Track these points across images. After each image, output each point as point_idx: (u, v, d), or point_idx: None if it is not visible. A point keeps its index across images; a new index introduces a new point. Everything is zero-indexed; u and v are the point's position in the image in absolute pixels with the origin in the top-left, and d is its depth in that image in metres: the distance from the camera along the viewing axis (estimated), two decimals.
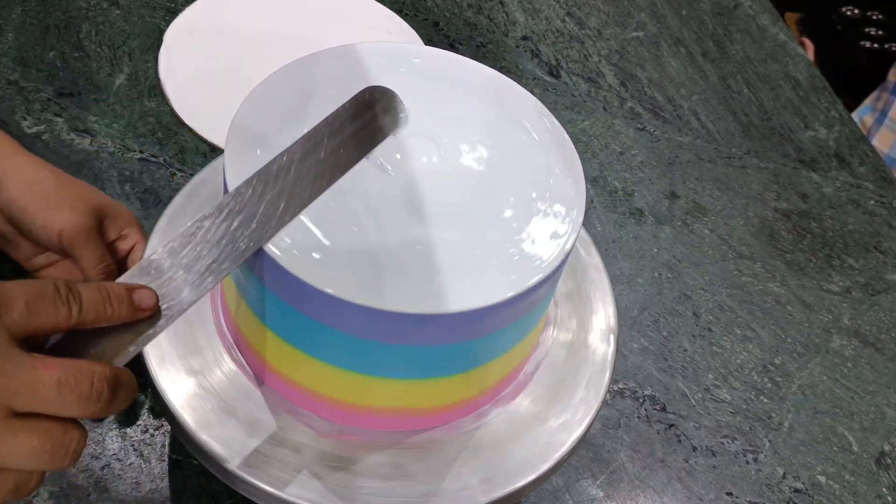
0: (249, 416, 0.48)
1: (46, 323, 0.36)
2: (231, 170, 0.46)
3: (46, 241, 0.56)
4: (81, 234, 0.55)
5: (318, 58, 0.52)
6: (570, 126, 0.91)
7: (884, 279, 0.85)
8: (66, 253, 0.57)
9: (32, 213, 0.56)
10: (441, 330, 0.44)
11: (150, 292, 0.39)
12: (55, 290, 0.36)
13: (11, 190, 0.56)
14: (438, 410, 0.50)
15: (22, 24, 0.86)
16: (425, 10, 0.99)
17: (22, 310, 0.35)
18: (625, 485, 0.66)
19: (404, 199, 0.46)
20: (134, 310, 0.39)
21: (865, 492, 0.69)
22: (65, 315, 0.36)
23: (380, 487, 0.48)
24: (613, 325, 0.57)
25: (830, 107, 1.01)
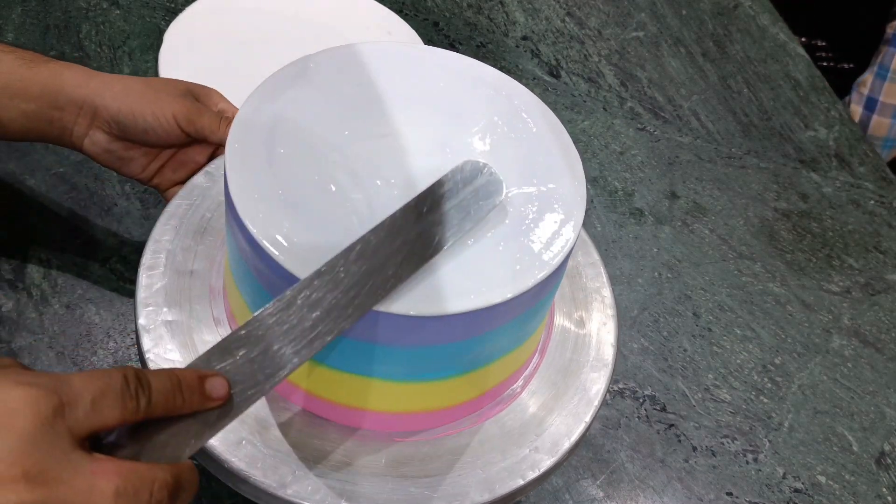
0: (250, 417, 0.48)
1: (112, 420, 0.35)
2: (231, 170, 0.46)
3: (163, 131, 0.59)
4: (192, 108, 0.60)
5: (318, 58, 0.52)
6: (570, 126, 0.91)
7: (884, 279, 0.85)
8: (183, 138, 0.60)
9: (142, 111, 0.59)
10: (441, 330, 0.44)
11: (222, 381, 0.38)
12: (124, 383, 0.35)
13: (111, 103, 0.59)
14: (439, 412, 0.50)
15: (22, 24, 0.86)
16: (425, 10, 0.99)
17: (87, 407, 0.34)
18: (625, 485, 0.66)
19: (405, 200, 0.46)
20: (205, 399, 0.38)
21: (865, 492, 0.69)
22: (132, 409, 0.35)
23: (380, 488, 0.48)
24: (613, 325, 0.57)
25: (830, 107, 1.01)
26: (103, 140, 0.60)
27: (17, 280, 0.69)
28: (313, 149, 0.48)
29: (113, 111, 0.59)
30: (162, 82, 0.61)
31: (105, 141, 0.60)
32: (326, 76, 0.52)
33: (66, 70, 0.60)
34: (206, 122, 0.60)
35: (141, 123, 0.59)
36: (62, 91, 0.59)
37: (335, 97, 0.51)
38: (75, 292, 0.69)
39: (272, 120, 0.49)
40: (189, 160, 0.63)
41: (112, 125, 0.59)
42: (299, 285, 0.41)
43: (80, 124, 0.60)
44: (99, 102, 0.59)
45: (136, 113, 0.59)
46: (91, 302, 0.68)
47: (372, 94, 0.51)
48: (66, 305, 0.68)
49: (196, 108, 0.60)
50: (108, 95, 0.59)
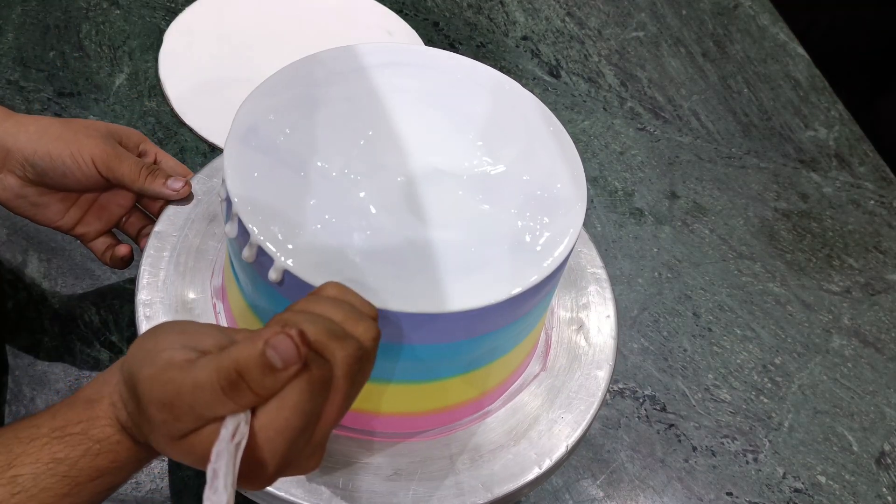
0: None
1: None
2: (231, 170, 0.46)
3: (82, 174, 0.56)
4: (111, 153, 0.56)
5: (318, 58, 0.52)
6: (570, 126, 0.91)
7: (884, 279, 0.85)
8: (102, 182, 0.57)
9: (59, 154, 0.55)
10: (441, 330, 0.44)
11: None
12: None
13: (26, 145, 0.55)
14: (439, 411, 0.50)
15: (22, 24, 0.86)
16: (425, 10, 0.99)
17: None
18: (625, 485, 0.66)
19: (405, 199, 0.46)
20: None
21: (865, 492, 0.69)
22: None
23: (380, 487, 0.48)
24: (613, 325, 0.57)
25: (830, 107, 1.01)
26: (16, 184, 0.56)
27: (17, 280, 0.68)
28: (313, 149, 0.48)
29: (28, 153, 0.55)
30: (80, 123, 0.57)
31: (18, 185, 0.56)
32: (326, 77, 0.52)
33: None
34: (126, 170, 0.56)
35: (59, 166, 0.55)
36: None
37: (335, 98, 0.51)
38: (75, 292, 0.68)
39: (272, 120, 0.49)
40: (111, 207, 0.60)
41: (27, 168, 0.55)
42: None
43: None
44: (12, 144, 0.55)
45: (54, 155, 0.55)
46: (91, 302, 0.68)
47: (372, 94, 0.51)
48: (66, 305, 0.68)
49: (116, 152, 0.56)
50: (23, 137, 0.55)
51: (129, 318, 0.67)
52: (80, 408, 0.38)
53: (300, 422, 0.35)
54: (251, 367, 0.34)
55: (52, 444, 0.37)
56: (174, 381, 0.35)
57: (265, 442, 0.35)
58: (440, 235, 0.45)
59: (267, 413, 0.35)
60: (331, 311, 0.38)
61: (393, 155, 0.49)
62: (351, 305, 0.39)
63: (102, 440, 0.38)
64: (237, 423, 0.34)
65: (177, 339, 0.37)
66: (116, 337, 0.67)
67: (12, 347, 0.65)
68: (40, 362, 0.64)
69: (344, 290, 0.40)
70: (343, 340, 0.37)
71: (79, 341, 0.66)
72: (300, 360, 0.35)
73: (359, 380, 0.39)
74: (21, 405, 0.62)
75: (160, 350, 0.36)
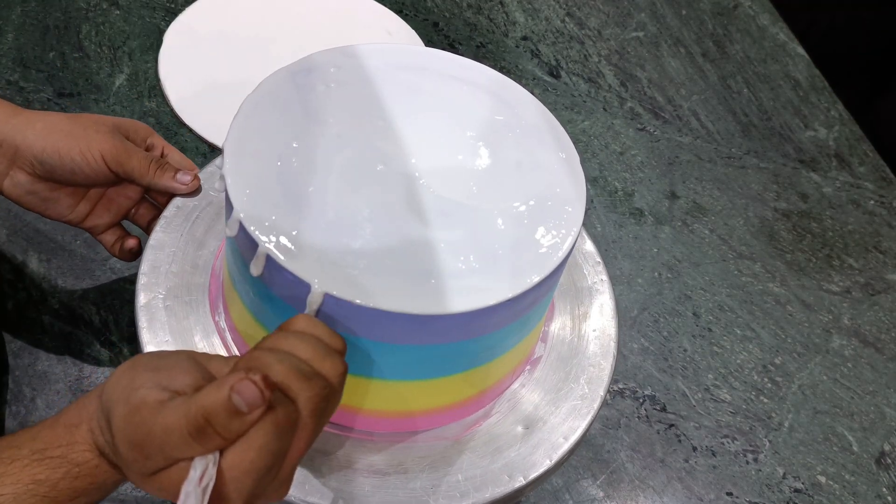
0: None
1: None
2: (231, 170, 0.46)
3: (91, 171, 0.56)
4: (120, 148, 0.56)
5: (318, 58, 0.52)
6: (570, 126, 0.91)
7: (884, 279, 0.85)
8: (112, 178, 0.57)
9: (68, 151, 0.55)
10: (441, 330, 0.44)
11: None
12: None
13: (35, 142, 0.55)
14: (439, 411, 0.50)
15: (22, 24, 0.86)
16: (425, 10, 0.99)
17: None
18: (625, 485, 0.66)
19: (405, 200, 0.46)
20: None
21: (865, 492, 0.69)
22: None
23: (380, 487, 0.48)
24: (613, 326, 0.57)
25: (830, 107, 1.01)
26: (26, 181, 0.56)
27: (17, 280, 0.68)
28: (312, 150, 0.48)
29: (37, 150, 0.55)
30: (88, 118, 0.57)
31: (28, 182, 0.56)
32: (325, 77, 0.52)
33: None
34: (136, 165, 0.56)
35: (68, 163, 0.55)
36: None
37: (334, 98, 0.51)
38: (75, 292, 0.68)
39: (271, 120, 0.49)
40: (120, 200, 0.61)
41: (36, 165, 0.55)
42: None
43: (0, 162, 0.56)
44: (21, 141, 0.55)
45: (63, 152, 0.55)
46: (91, 302, 0.68)
47: (371, 95, 0.51)
48: (66, 305, 0.68)
49: (125, 147, 0.57)
50: (31, 134, 0.55)
51: (129, 318, 0.67)
52: (59, 431, 0.40)
53: (267, 461, 0.37)
54: (218, 412, 0.35)
55: (33, 466, 0.39)
56: (145, 423, 0.36)
57: (232, 481, 0.36)
58: (440, 236, 0.45)
59: (234, 454, 0.36)
60: (298, 348, 0.39)
61: (392, 155, 0.49)
62: (319, 340, 0.40)
63: (82, 464, 0.39)
64: (206, 464, 0.36)
65: (151, 378, 0.38)
66: (116, 337, 0.67)
67: (12, 347, 0.65)
68: (40, 362, 0.64)
69: (313, 324, 0.41)
70: (309, 380, 0.38)
71: (79, 341, 0.66)
72: (264, 404, 0.36)
73: (325, 416, 0.40)
74: (21, 405, 0.62)
75: (135, 388, 0.37)
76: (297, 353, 0.39)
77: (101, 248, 0.71)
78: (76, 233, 0.71)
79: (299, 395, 0.38)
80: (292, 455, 0.38)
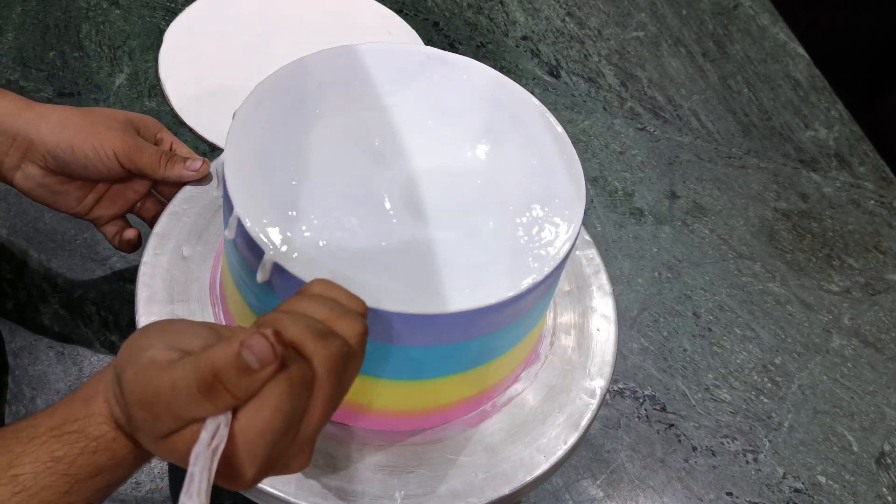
0: None
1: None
2: (231, 170, 0.46)
3: (103, 167, 0.57)
4: (132, 145, 0.57)
5: (318, 58, 0.52)
6: (570, 126, 0.91)
7: (884, 279, 0.85)
8: (123, 173, 0.58)
9: (81, 147, 0.56)
10: (441, 330, 0.44)
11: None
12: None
13: (48, 136, 0.55)
14: (438, 410, 0.50)
15: (22, 24, 0.86)
16: (425, 10, 0.99)
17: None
18: (625, 485, 0.66)
19: (405, 199, 0.46)
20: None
21: (865, 492, 0.69)
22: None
23: (380, 487, 0.48)
24: (613, 325, 0.57)
25: (830, 107, 1.01)
26: (37, 174, 0.57)
27: (17, 280, 0.68)
28: (312, 150, 0.48)
29: (50, 145, 0.55)
30: (100, 114, 0.58)
31: (39, 175, 0.57)
32: (325, 77, 0.52)
33: (2, 99, 0.57)
34: (147, 160, 0.57)
35: (81, 159, 0.56)
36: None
37: (333, 98, 0.51)
38: (75, 292, 0.68)
39: (271, 120, 0.49)
40: (127, 193, 0.61)
41: (48, 159, 0.56)
42: None
43: (12, 156, 0.56)
44: (34, 135, 0.55)
45: (76, 147, 0.56)
46: (91, 302, 0.68)
47: (371, 94, 0.51)
48: (66, 305, 0.68)
49: (136, 143, 0.57)
50: (45, 128, 0.56)
51: (129, 318, 0.67)
52: (77, 405, 0.38)
53: (281, 423, 0.35)
54: (227, 369, 0.34)
55: (51, 443, 0.37)
56: (153, 382, 0.35)
57: (246, 444, 0.35)
58: (439, 236, 0.45)
59: (247, 415, 0.35)
60: (315, 309, 0.38)
61: (392, 155, 0.49)
62: (336, 302, 0.39)
63: (99, 437, 0.38)
64: (217, 425, 0.34)
65: (161, 339, 0.37)
66: (116, 337, 0.67)
67: (12, 347, 0.65)
68: (40, 362, 0.64)
69: (331, 287, 0.40)
70: (325, 339, 0.37)
71: (79, 341, 0.66)
72: (276, 360, 0.34)
73: (345, 378, 0.38)
74: (21, 405, 0.62)
75: (144, 349, 0.36)
76: (313, 315, 0.38)
77: (101, 248, 0.71)
78: (76, 233, 0.71)
79: (315, 354, 0.36)
80: (310, 419, 0.37)
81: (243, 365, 0.34)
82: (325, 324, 0.38)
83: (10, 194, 0.73)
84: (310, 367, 0.36)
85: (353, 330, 0.38)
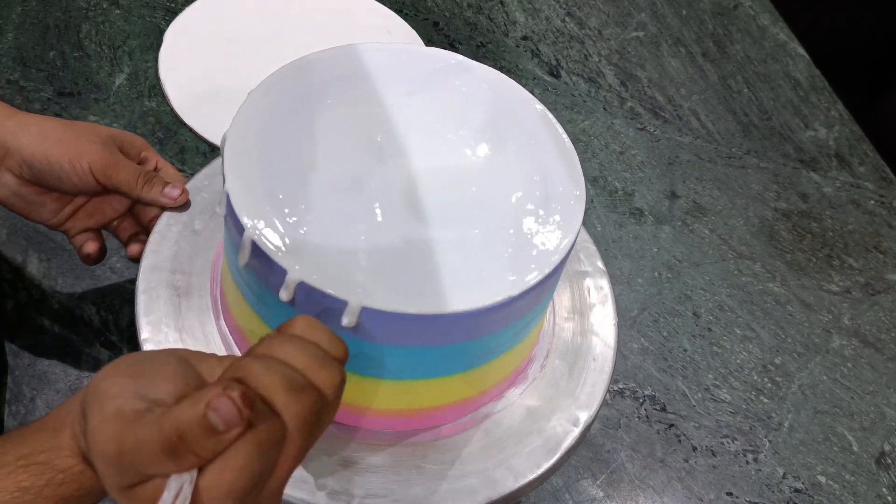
0: None
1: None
2: (231, 170, 0.46)
3: (78, 180, 0.56)
4: (110, 160, 0.56)
5: (319, 58, 0.52)
6: (570, 126, 0.91)
7: (884, 279, 0.85)
8: (98, 188, 0.57)
9: (57, 158, 0.55)
10: (441, 330, 0.44)
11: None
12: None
13: (26, 146, 0.55)
14: (438, 410, 0.50)
15: (22, 24, 0.86)
16: (425, 10, 0.99)
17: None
18: (625, 485, 0.66)
19: (404, 199, 0.46)
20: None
21: (865, 492, 0.69)
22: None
23: (380, 487, 0.48)
24: (613, 325, 0.57)
25: (830, 107, 1.01)
26: (12, 183, 0.56)
27: (17, 280, 0.68)
28: (312, 150, 0.48)
29: (27, 155, 0.55)
30: (83, 127, 0.57)
31: (14, 184, 0.56)
32: (325, 76, 0.52)
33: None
34: (124, 178, 0.56)
35: (56, 170, 0.55)
36: None
37: (333, 98, 0.51)
38: (75, 292, 0.68)
39: (270, 120, 0.49)
40: (104, 209, 0.61)
41: (24, 169, 0.55)
42: None
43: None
44: (12, 143, 0.55)
45: (52, 159, 0.55)
46: (91, 302, 0.68)
47: (371, 94, 0.51)
48: (66, 305, 0.68)
49: (115, 160, 0.56)
50: (24, 138, 0.55)
51: (129, 318, 0.67)
52: (45, 436, 0.38)
53: (247, 482, 0.34)
54: (192, 430, 0.33)
55: (18, 473, 0.37)
56: (117, 437, 0.34)
57: (211, 501, 0.34)
58: (439, 235, 0.45)
59: (212, 473, 0.34)
60: (293, 355, 0.37)
61: (392, 155, 0.48)
62: (317, 346, 0.38)
63: (66, 470, 0.38)
64: (181, 483, 0.34)
65: (130, 386, 0.36)
66: (116, 337, 0.67)
67: (12, 347, 0.65)
68: (40, 362, 0.64)
69: (312, 327, 0.39)
70: (300, 393, 0.36)
71: (79, 341, 0.66)
72: (242, 423, 0.33)
73: (317, 430, 0.37)
74: (21, 405, 0.62)
75: (111, 397, 0.35)
76: (291, 362, 0.37)
77: None
78: None
79: (287, 410, 0.35)
80: (279, 474, 0.36)
81: (209, 427, 0.33)
82: (303, 373, 0.36)
83: None
84: (280, 424, 0.35)
85: (331, 381, 0.37)
